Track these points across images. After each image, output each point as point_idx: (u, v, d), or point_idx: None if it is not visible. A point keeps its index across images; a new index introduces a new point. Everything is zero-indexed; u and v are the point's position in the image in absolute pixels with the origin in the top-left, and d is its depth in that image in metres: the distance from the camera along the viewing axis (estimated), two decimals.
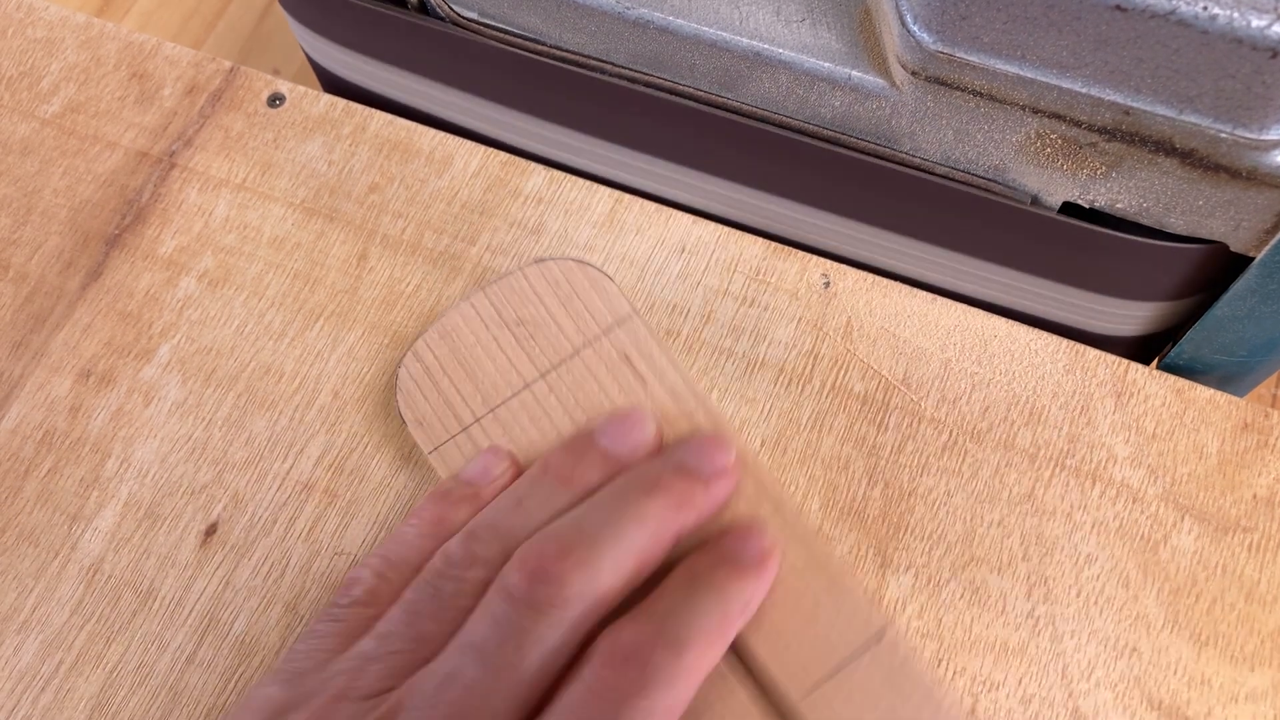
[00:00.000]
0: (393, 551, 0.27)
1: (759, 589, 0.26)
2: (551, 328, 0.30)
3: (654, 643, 0.24)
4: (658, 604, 0.25)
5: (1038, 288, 0.34)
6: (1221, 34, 0.24)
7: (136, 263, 0.34)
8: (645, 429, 0.28)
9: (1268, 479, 0.30)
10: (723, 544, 0.26)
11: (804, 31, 0.31)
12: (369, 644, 0.25)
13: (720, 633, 0.25)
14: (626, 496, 0.26)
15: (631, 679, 0.23)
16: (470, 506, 0.28)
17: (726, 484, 0.27)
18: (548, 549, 0.25)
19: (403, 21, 0.35)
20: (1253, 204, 0.28)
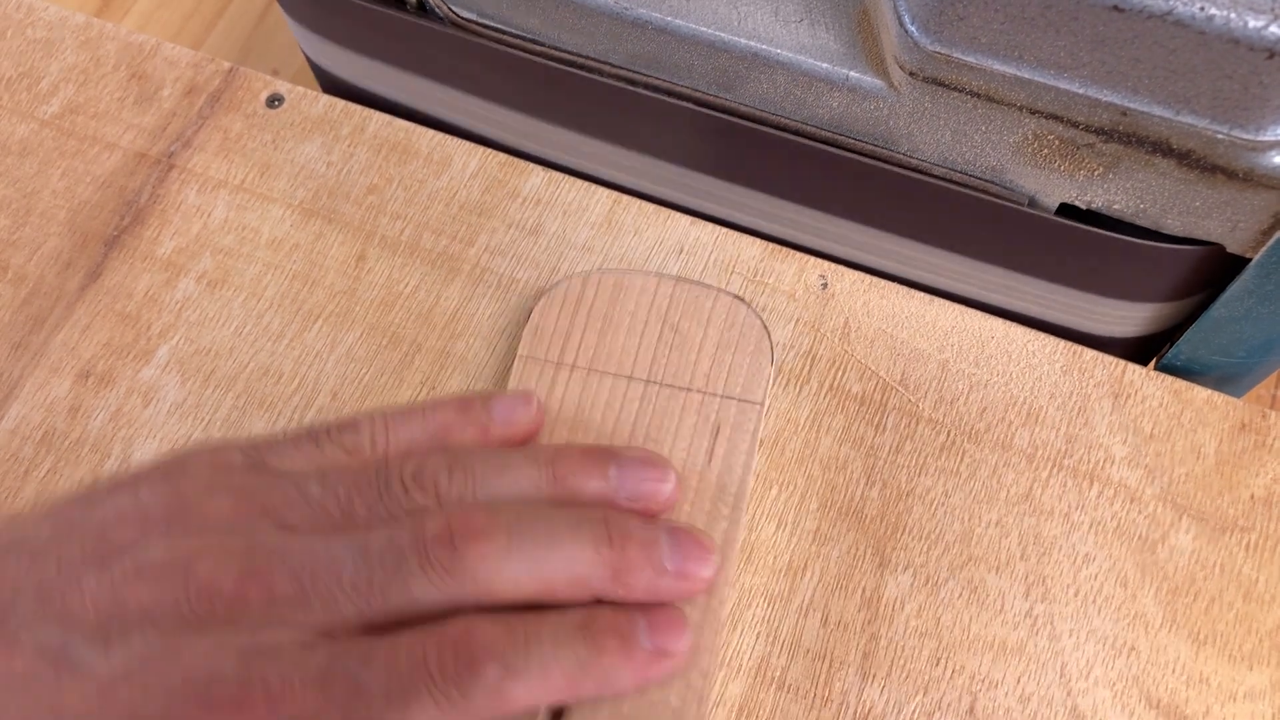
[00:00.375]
0: (394, 426, 0.28)
1: (630, 678, 0.25)
2: (692, 355, 0.30)
3: (496, 655, 0.24)
4: (531, 623, 0.25)
5: (1035, 289, 0.34)
6: (1218, 34, 0.24)
7: (135, 264, 0.34)
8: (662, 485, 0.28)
9: (1265, 479, 0.30)
10: (638, 617, 0.26)
11: (802, 32, 0.31)
12: (315, 486, 0.26)
13: (563, 687, 0.24)
14: (579, 531, 0.26)
15: (451, 670, 0.23)
16: (475, 434, 0.28)
17: (677, 590, 0.27)
18: (475, 519, 0.25)
19: (402, 22, 0.35)
20: (1249, 205, 0.28)
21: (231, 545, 0.25)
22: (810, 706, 0.28)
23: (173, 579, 0.24)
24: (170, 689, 0.23)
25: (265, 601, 0.24)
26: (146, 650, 0.23)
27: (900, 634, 0.29)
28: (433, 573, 0.24)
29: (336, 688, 0.23)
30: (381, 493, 0.26)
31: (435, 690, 0.23)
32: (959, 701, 0.28)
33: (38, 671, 0.23)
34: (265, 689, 0.23)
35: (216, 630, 0.24)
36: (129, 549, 0.24)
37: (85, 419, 0.32)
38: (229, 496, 0.25)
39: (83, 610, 0.24)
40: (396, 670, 0.23)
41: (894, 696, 0.28)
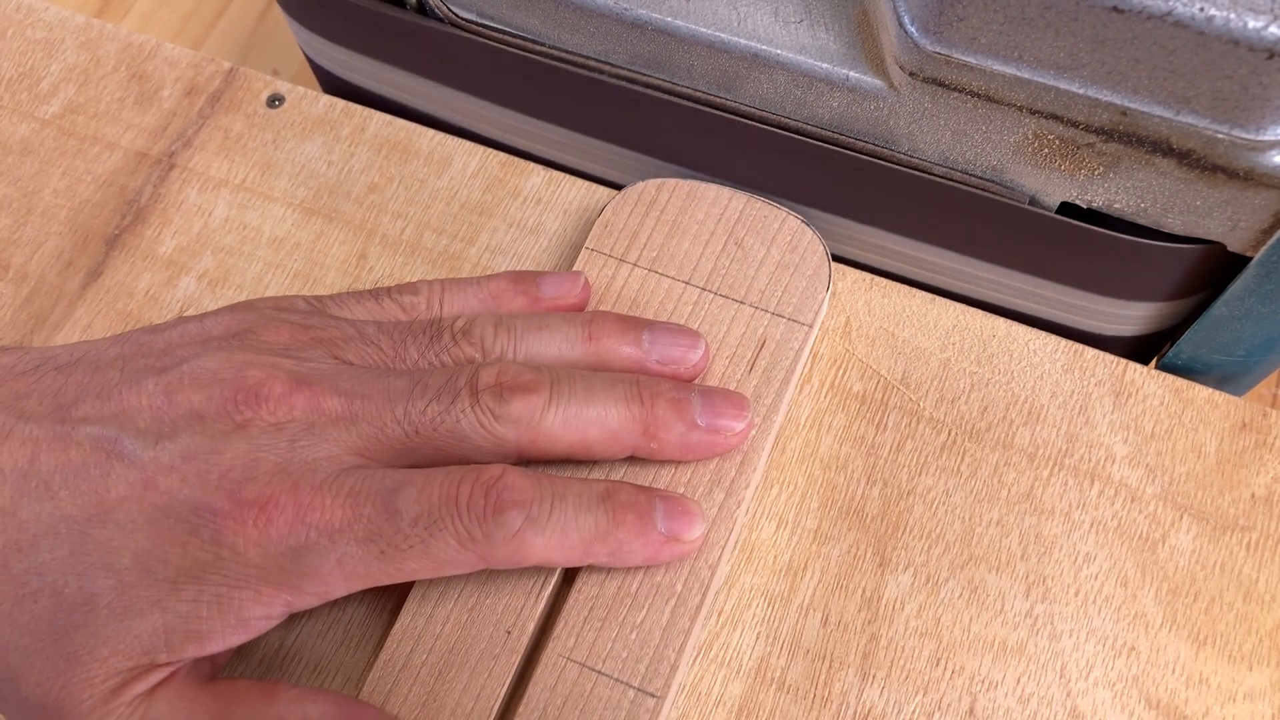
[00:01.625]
0: (450, 291, 0.30)
1: (640, 555, 0.27)
2: (751, 269, 0.31)
3: (522, 503, 0.25)
4: (560, 485, 0.26)
5: (1036, 288, 0.34)
6: (1218, 35, 0.24)
7: (136, 263, 0.34)
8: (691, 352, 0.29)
9: (1266, 478, 0.30)
10: (656, 498, 0.27)
11: (802, 32, 0.31)
12: (372, 329, 0.28)
13: (578, 550, 0.26)
14: (614, 388, 0.27)
15: (479, 509, 0.25)
16: (525, 302, 0.30)
17: (708, 443, 0.28)
18: (522, 375, 0.27)
19: (402, 22, 0.35)
20: (1250, 204, 0.28)
21: (283, 362, 0.26)
22: (810, 707, 0.28)
23: (223, 384, 0.25)
24: (206, 482, 0.24)
25: (311, 414, 0.25)
26: (191, 447, 0.25)
27: (900, 634, 0.29)
28: (481, 414, 0.26)
29: (366, 504, 0.24)
30: (433, 340, 0.28)
31: (459, 525, 0.25)
32: (959, 702, 0.28)
33: (90, 461, 0.25)
34: (295, 494, 0.24)
35: (259, 435, 0.25)
36: (187, 360, 0.26)
37: None
38: (287, 326, 0.27)
39: (138, 409, 0.25)
40: (427, 499, 0.25)
41: (894, 697, 0.28)
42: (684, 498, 0.28)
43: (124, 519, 0.24)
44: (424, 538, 0.24)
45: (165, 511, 0.24)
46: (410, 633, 0.27)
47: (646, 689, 0.26)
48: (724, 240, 0.31)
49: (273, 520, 0.24)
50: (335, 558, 0.24)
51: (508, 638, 0.27)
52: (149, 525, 0.24)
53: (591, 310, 0.30)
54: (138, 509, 0.24)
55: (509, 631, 0.27)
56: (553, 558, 0.26)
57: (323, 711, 0.25)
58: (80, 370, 0.26)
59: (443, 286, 0.30)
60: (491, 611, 0.27)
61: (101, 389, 0.26)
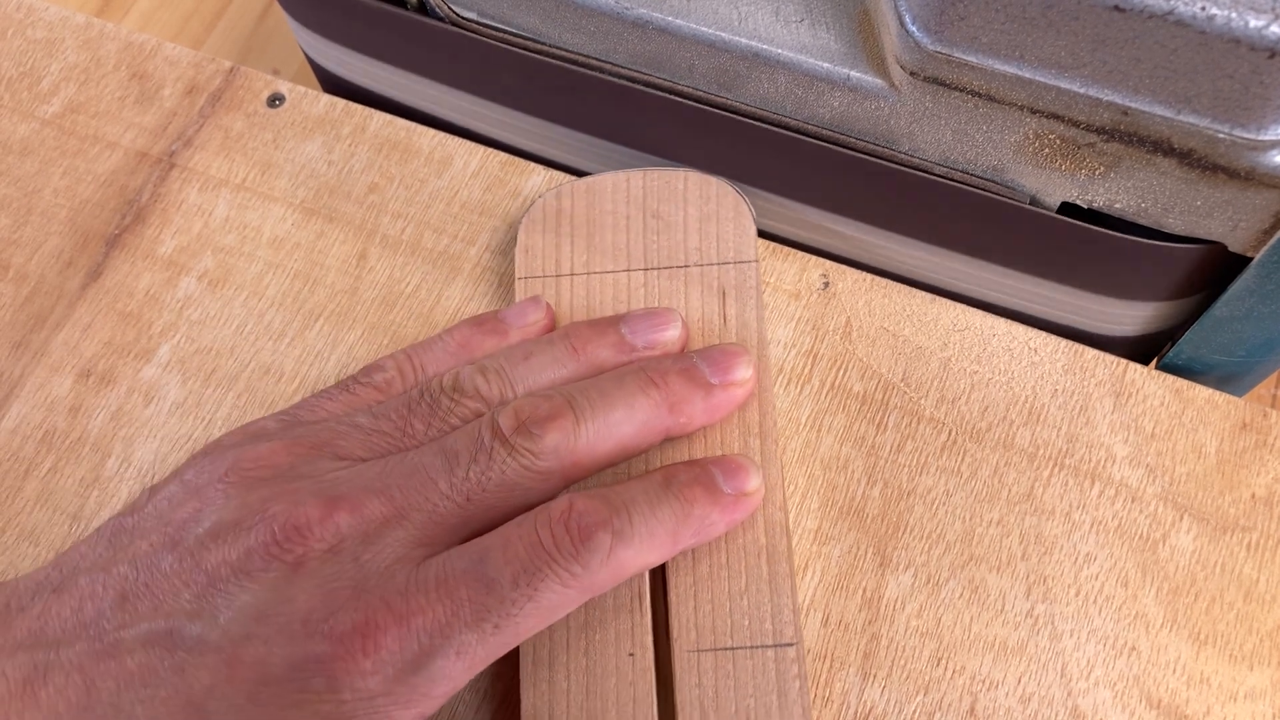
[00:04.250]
0: (416, 355, 0.29)
1: (722, 521, 0.27)
2: (679, 234, 0.31)
3: (603, 523, 0.25)
4: (624, 492, 0.26)
5: (1036, 288, 0.34)
6: (1219, 34, 0.24)
7: (136, 262, 0.34)
8: (668, 330, 0.29)
9: (1266, 478, 0.30)
10: (709, 466, 0.27)
11: (802, 32, 0.31)
12: (364, 417, 0.27)
13: (667, 542, 0.26)
14: (624, 382, 0.27)
15: (567, 544, 0.24)
16: (495, 341, 0.30)
17: (730, 397, 0.28)
18: (540, 406, 0.26)
19: (402, 21, 0.35)
20: (1251, 204, 0.28)
21: (300, 485, 0.25)
22: (811, 706, 0.28)
23: (253, 530, 0.24)
24: (293, 635, 0.23)
25: (359, 525, 0.24)
26: (256, 605, 0.23)
27: (901, 634, 0.29)
28: (521, 456, 0.25)
29: (460, 588, 0.23)
30: (432, 408, 0.27)
31: (558, 567, 0.24)
32: (960, 702, 0.28)
33: (153, 664, 0.22)
34: (388, 609, 0.23)
35: (321, 567, 0.23)
36: (194, 520, 0.24)
37: (86, 418, 0.32)
38: (277, 445, 0.26)
39: (174, 592, 0.23)
40: (516, 557, 0.24)
41: (895, 696, 0.28)
42: (730, 455, 0.28)
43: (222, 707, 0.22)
44: (529, 594, 0.24)
45: (264, 681, 0.22)
46: (542, 703, 0.26)
47: (781, 641, 0.27)
48: (642, 218, 0.32)
49: (379, 643, 0.23)
50: (454, 651, 0.23)
51: (633, 661, 0.26)
52: (252, 702, 0.22)
53: (563, 326, 0.30)
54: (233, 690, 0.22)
55: (631, 655, 0.26)
56: (649, 560, 0.25)
57: None
58: (83, 580, 0.24)
59: (408, 355, 0.29)
60: (605, 645, 0.26)
61: (121, 589, 0.24)
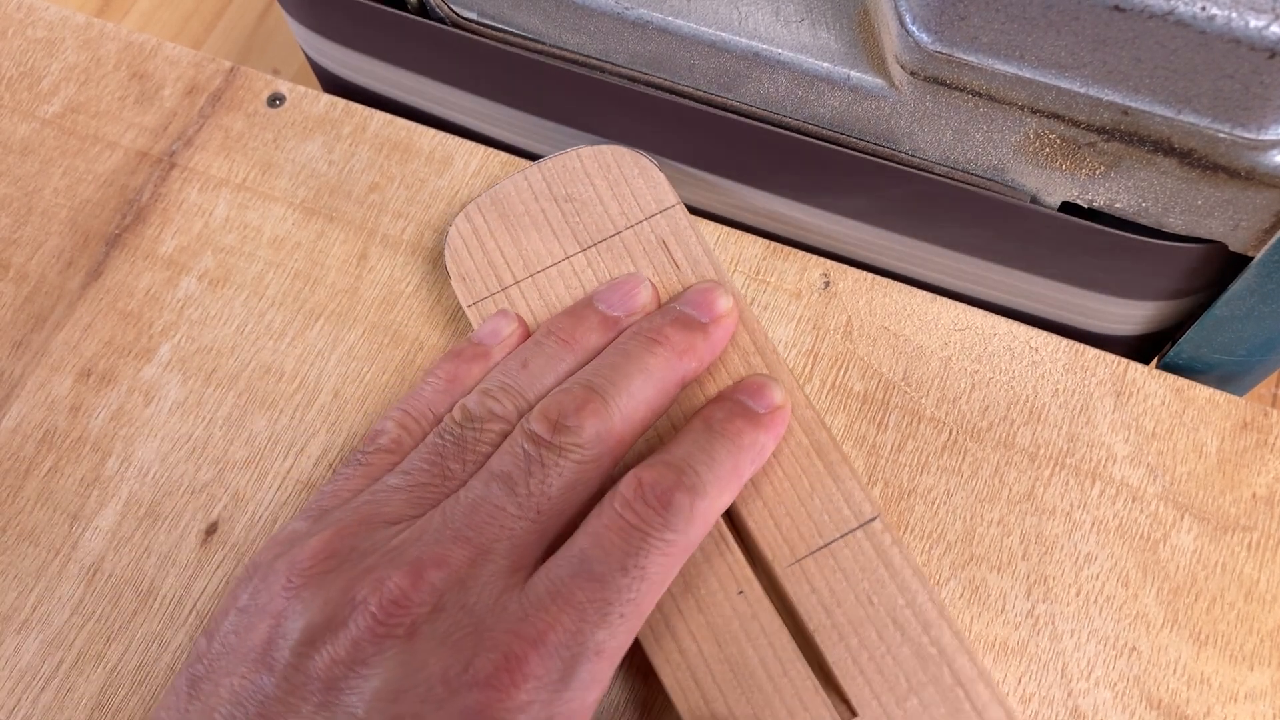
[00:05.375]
0: (412, 405, 0.29)
1: (770, 440, 0.28)
2: (597, 207, 0.32)
3: (675, 484, 0.25)
4: (677, 450, 0.26)
5: (1037, 287, 0.34)
6: (1220, 34, 0.24)
7: (137, 262, 0.34)
8: (640, 292, 0.30)
9: (1267, 478, 0.30)
10: (737, 396, 0.28)
11: (803, 32, 0.31)
12: (395, 479, 0.27)
13: (733, 479, 0.26)
14: (629, 351, 0.28)
15: (653, 517, 0.25)
16: (482, 365, 0.30)
17: (724, 329, 0.29)
18: (565, 401, 0.26)
19: (402, 21, 0.35)
20: (1251, 204, 0.28)
21: (373, 561, 0.24)
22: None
23: (351, 620, 0.23)
24: (436, 699, 0.23)
25: (451, 577, 0.24)
26: (387, 687, 0.23)
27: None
28: (571, 453, 0.26)
29: (577, 592, 0.24)
30: (458, 444, 0.27)
31: (654, 539, 0.25)
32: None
33: None
34: (520, 637, 0.23)
35: (430, 627, 0.24)
36: (278, 637, 0.24)
37: (86, 417, 0.32)
38: (328, 537, 0.25)
39: (291, 710, 0.23)
40: (614, 547, 0.24)
41: None
42: (748, 378, 0.29)
43: None
44: (639, 575, 0.24)
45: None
46: (683, 675, 0.26)
47: (864, 519, 0.28)
48: (556, 206, 0.32)
49: (525, 672, 0.23)
50: (593, 653, 0.23)
51: (745, 597, 0.27)
52: None
53: (541, 326, 0.30)
54: None
55: (740, 592, 0.27)
56: (725, 502, 0.26)
57: None
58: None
59: (404, 410, 0.29)
60: (713, 595, 0.27)
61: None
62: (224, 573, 0.30)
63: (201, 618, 0.29)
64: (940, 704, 0.26)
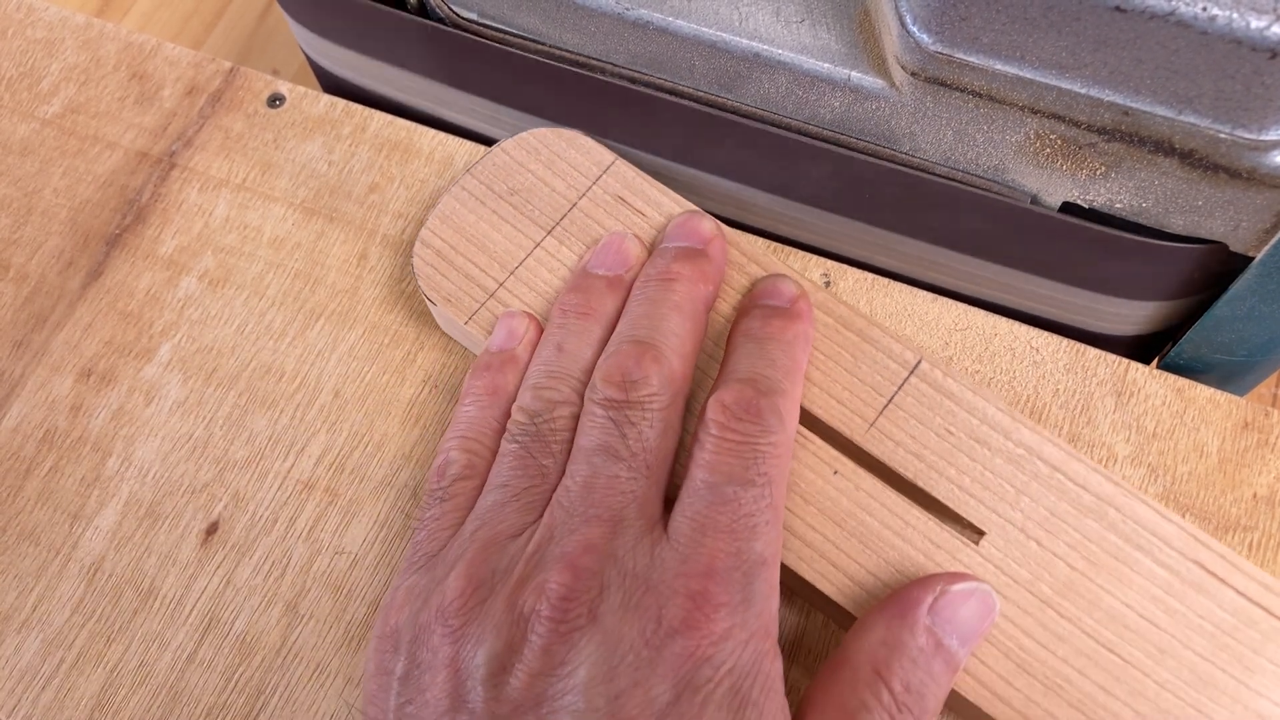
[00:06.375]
0: (465, 429, 0.29)
1: (807, 326, 0.29)
2: (544, 189, 0.33)
3: (755, 394, 0.26)
4: (738, 367, 0.28)
5: (1038, 287, 0.34)
6: (1221, 35, 0.24)
7: (137, 262, 0.34)
8: (629, 246, 0.31)
9: (1268, 478, 0.30)
10: (761, 300, 0.30)
11: (803, 32, 0.31)
12: (492, 496, 0.27)
13: (795, 371, 0.28)
14: (652, 297, 0.29)
15: (750, 427, 0.26)
16: (514, 368, 0.30)
17: (720, 248, 0.30)
18: (622, 361, 0.27)
19: (402, 22, 0.35)
20: (1252, 204, 0.28)
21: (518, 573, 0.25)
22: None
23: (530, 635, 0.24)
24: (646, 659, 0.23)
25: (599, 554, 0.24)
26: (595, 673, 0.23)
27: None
28: (649, 404, 0.27)
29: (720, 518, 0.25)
30: (539, 440, 0.28)
31: (763, 446, 0.26)
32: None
33: None
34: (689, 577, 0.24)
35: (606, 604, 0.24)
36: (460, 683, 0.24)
37: (87, 417, 0.32)
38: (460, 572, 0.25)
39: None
40: (733, 469, 0.25)
41: None
42: (760, 283, 0.30)
43: None
44: (765, 482, 0.25)
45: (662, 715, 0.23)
46: (822, 566, 0.27)
47: (910, 366, 0.29)
48: (505, 203, 0.32)
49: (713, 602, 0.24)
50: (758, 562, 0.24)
51: (840, 476, 0.28)
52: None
53: (553, 309, 0.30)
54: None
55: (836, 472, 0.28)
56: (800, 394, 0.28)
57: None
58: None
59: (459, 435, 0.29)
60: (813, 485, 0.28)
61: None
62: (224, 572, 0.30)
63: (202, 617, 0.29)
64: (1047, 493, 0.27)
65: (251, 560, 0.30)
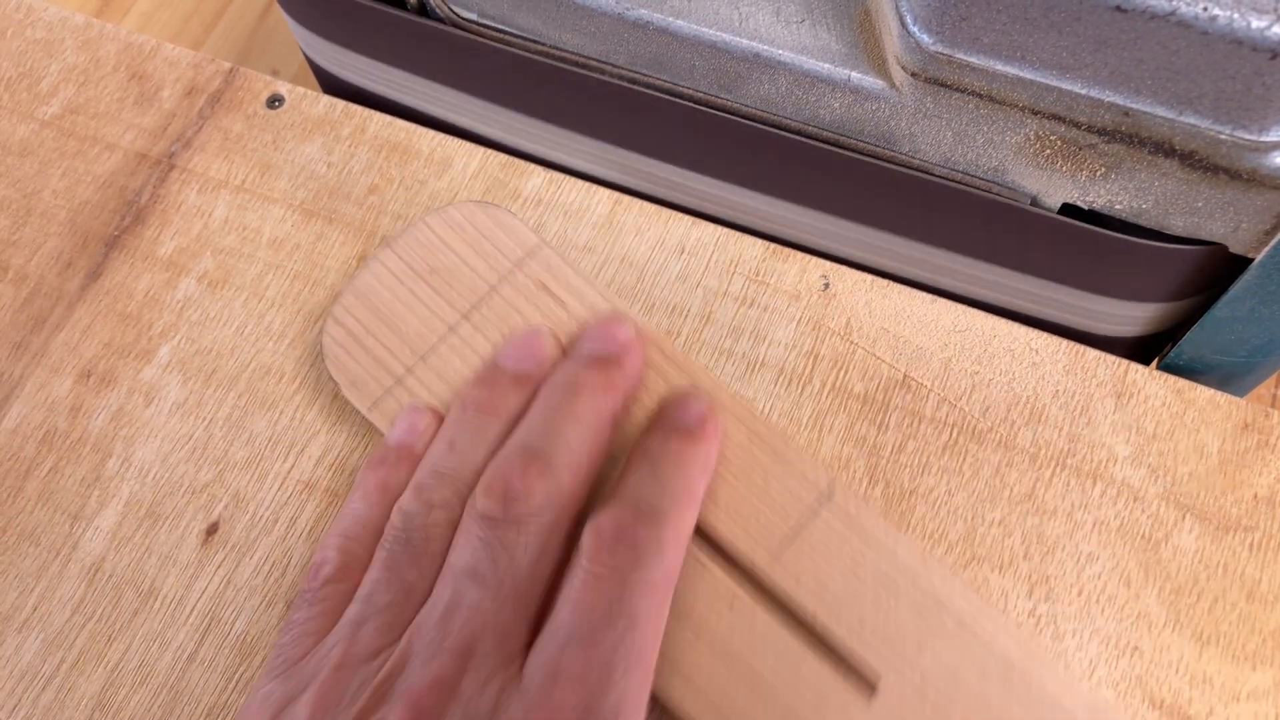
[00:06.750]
0: (348, 527, 0.28)
1: (710, 448, 0.27)
2: (464, 271, 0.31)
3: (635, 521, 0.25)
4: (627, 488, 0.26)
5: (1037, 289, 0.34)
6: (1221, 35, 0.24)
7: (136, 264, 0.34)
8: (542, 343, 0.29)
9: (1268, 478, 0.30)
10: (666, 418, 0.28)
11: (803, 33, 0.31)
12: (355, 609, 0.26)
13: (690, 498, 0.26)
14: (554, 403, 0.27)
15: (625, 557, 0.24)
16: (408, 465, 0.28)
17: (635, 356, 0.29)
18: (507, 471, 0.26)
19: (402, 22, 0.35)
20: (1252, 205, 0.28)
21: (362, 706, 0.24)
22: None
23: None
24: None
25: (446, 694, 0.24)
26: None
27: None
28: (528, 525, 0.25)
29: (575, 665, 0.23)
30: (408, 550, 0.26)
31: (634, 581, 0.24)
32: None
33: None
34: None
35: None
36: None
37: (86, 418, 0.32)
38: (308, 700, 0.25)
39: None
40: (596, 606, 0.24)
41: None
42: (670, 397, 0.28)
43: None
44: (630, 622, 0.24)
45: None
46: (703, 709, 0.26)
47: (823, 494, 0.28)
48: (423, 283, 0.31)
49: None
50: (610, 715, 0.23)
51: (735, 609, 0.26)
52: None
53: (455, 402, 0.29)
54: None
55: (731, 607, 0.26)
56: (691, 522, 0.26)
57: None
58: None
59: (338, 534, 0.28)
60: (704, 619, 0.26)
61: None
62: (224, 572, 0.30)
63: (203, 617, 0.29)
64: (951, 650, 0.26)
65: (252, 560, 0.30)
